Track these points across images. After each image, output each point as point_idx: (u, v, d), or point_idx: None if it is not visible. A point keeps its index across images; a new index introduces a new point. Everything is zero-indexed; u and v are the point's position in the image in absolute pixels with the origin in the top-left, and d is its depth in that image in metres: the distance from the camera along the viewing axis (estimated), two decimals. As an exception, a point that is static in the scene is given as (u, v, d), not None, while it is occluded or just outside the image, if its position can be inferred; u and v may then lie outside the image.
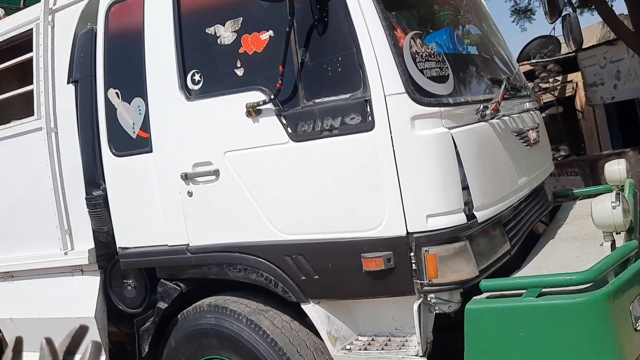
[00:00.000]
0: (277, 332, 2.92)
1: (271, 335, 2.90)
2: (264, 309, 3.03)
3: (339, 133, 2.69)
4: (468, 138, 2.74)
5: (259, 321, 2.95)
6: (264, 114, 2.85)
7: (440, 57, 2.83)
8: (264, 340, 2.91)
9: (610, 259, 2.51)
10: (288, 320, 2.99)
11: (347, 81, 2.69)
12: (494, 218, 2.86)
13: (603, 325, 2.32)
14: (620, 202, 2.67)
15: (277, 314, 3.01)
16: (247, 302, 3.07)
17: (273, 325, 2.94)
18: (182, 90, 3.10)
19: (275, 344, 2.88)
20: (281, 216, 2.89)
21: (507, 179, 3.06)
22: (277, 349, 2.87)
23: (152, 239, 3.32)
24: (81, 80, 3.54)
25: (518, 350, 2.46)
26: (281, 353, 2.86)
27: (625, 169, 3.95)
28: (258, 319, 2.97)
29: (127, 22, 3.36)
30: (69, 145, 3.64)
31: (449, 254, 2.61)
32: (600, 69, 12.16)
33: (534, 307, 2.41)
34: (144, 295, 3.54)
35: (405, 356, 2.68)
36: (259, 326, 2.93)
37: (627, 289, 2.46)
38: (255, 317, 2.97)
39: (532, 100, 3.95)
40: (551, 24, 4.78)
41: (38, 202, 3.78)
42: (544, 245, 3.34)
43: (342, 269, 2.77)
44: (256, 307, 3.04)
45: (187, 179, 3.10)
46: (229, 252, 3.06)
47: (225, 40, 2.97)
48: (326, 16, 2.72)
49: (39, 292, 3.94)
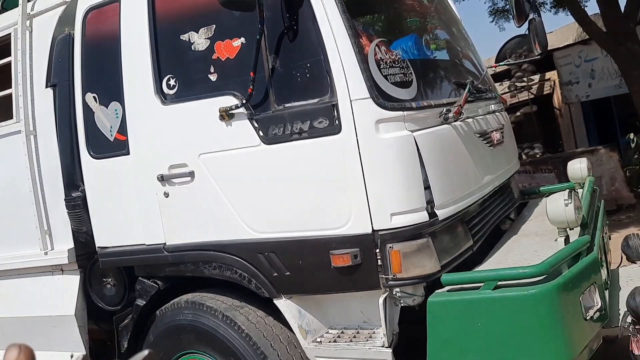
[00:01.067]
0: (251, 327, 3.04)
1: (246, 330, 3.02)
2: (239, 305, 3.15)
3: (307, 136, 2.82)
4: (430, 140, 2.88)
5: (234, 317, 3.07)
6: (236, 118, 2.97)
7: (404, 63, 2.97)
8: (238, 335, 3.03)
9: (561, 254, 2.68)
10: (262, 316, 3.12)
11: (315, 87, 2.82)
12: (456, 215, 3.00)
13: (553, 315, 2.48)
14: (572, 199, 2.84)
15: (252, 309, 3.14)
16: (223, 298, 3.19)
17: (248, 321, 3.06)
18: (158, 94, 3.21)
19: (249, 339, 3.01)
20: (254, 215, 3.01)
21: (469, 179, 3.21)
22: (251, 343, 3.00)
23: (130, 238, 3.42)
24: (59, 85, 3.63)
25: (477, 339, 2.61)
26: (255, 347, 2.99)
27: (586, 167, 4.14)
28: (233, 314, 3.09)
29: (104, 28, 3.45)
30: (48, 147, 3.72)
31: (412, 250, 2.75)
32: (575, 68, 12.45)
33: (489, 299, 2.56)
34: (122, 293, 3.64)
35: (372, 347, 2.82)
36: (234, 322, 3.06)
37: (577, 281, 2.63)
38: (231, 313, 3.09)
39: (498, 102, 4.11)
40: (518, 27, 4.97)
41: (18, 203, 3.86)
42: (506, 241, 3.50)
43: (312, 265, 2.90)
44: (232, 304, 3.16)
45: (163, 181, 3.21)
46: (205, 251, 3.17)
47: (199, 46, 3.08)
48: (295, 24, 2.84)
49: (20, 291, 4.02)
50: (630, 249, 3.82)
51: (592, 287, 2.73)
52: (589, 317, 2.65)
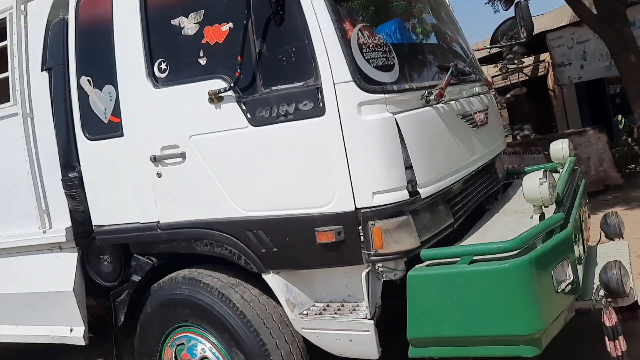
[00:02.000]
0: (246, 305, 3.18)
1: (240, 308, 3.16)
2: (234, 283, 3.29)
3: (293, 118, 2.94)
4: (411, 122, 3.00)
5: (230, 295, 3.21)
6: (225, 101, 3.08)
7: (387, 47, 3.07)
8: (233, 312, 3.17)
9: (534, 230, 2.81)
10: (257, 294, 3.26)
11: (300, 70, 2.92)
12: (437, 194, 3.13)
13: (524, 288, 2.61)
14: (546, 179, 2.97)
15: (247, 288, 3.28)
16: (219, 276, 3.33)
17: (242, 299, 3.20)
18: (150, 78, 3.32)
19: (244, 316, 3.15)
20: (242, 194, 3.14)
21: (451, 159, 3.32)
22: (245, 320, 3.14)
23: (125, 217, 3.56)
24: (54, 68, 3.73)
25: (453, 311, 2.75)
26: (249, 324, 3.13)
27: (567, 148, 4.27)
28: (229, 292, 3.23)
29: (97, 12, 3.54)
30: (44, 129, 3.84)
31: (392, 227, 2.88)
32: (567, 50, 12.51)
33: (465, 272, 2.70)
34: (119, 269, 3.79)
35: (355, 319, 2.97)
36: (230, 299, 3.19)
37: (549, 256, 2.76)
38: (226, 291, 3.23)
39: (483, 85, 4.21)
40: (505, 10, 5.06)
41: (17, 184, 3.98)
42: (488, 219, 3.64)
43: (298, 242, 3.03)
44: (227, 281, 3.29)
45: (156, 161, 3.33)
46: (196, 228, 3.31)
47: (188, 31, 3.18)
48: (281, 10, 2.94)
49: (21, 269, 4.17)
50: (609, 227, 3.96)
51: (564, 261, 2.86)
52: (560, 290, 2.78)
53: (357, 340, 2.98)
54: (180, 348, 3.46)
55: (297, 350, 3.19)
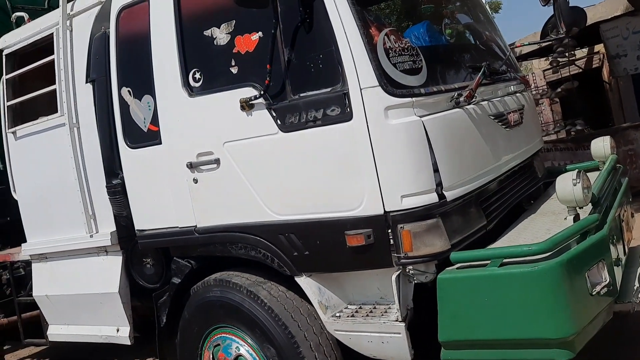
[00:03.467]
0: (273, 300, 3.27)
1: (268, 304, 3.25)
2: (262, 281, 3.39)
3: (321, 123, 2.99)
4: (440, 124, 2.99)
5: (258, 292, 3.31)
6: (256, 108, 3.16)
7: (414, 51, 3.07)
8: (262, 308, 3.26)
9: (566, 232, 2.76)
10: (283, 290, 3.34)
11: (328, 76, 2.97)
12: (467, 196, 3.11)
13: (555, 291, 2.57)
14: (580, 179, 2.91)
15: (274, 285, 3.37)
16: (247, 275, 3.44)
17: (270, 295, 3.29)
18: (185, 87, 3.44)
19: (272, 311, 3.23)
20: (274, 199, 3.21)
21: (481, 160, 3.29)
22: (273, 315, 3.23)
23: (165, 221, 3.70)
24: (97, 80, 3.91)
25: (483, 314, 2.73)
26: (277, 319, 3.22)
27: (609, 146, 4.14)
28: (257, 289, 3.32)
29: (135, 25, 3.70)
30: (89, 138, 4.03)
31: (422, 230, 2.89)
32: (623, 40, 12.01)
33: (495, 275, 2.68)
34: (160, 272, 3.94)
35: (387, 321, 2.99)
36: (258, 296, 3.29)
37: (582, 258, 2.71)
38: (254, 288, 3.33)
39: (519, 83, 4.14)
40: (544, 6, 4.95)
41: (65, 191, 4.20)
42: (523, 220, 3.58)
43: (329, 245, 3.08)
44: (255, 280, 3.40)
45: (192, 168, 3.45)
46: (231, 232, 3.41)
47: (220, 41, 3.28)
48: (308, 18, 2.99)
49: (69, 271, 4.40)
50: (654, 227, 3.83)
51: (600, 263, 2.79)
52: (595, 293, 2.72)
53: (389, 343, 3.00)
54: (217, 349, 3.58)
55: (327, 341, 3.25)
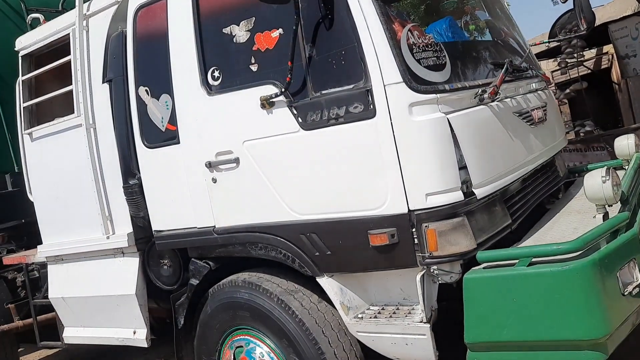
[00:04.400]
0: (304, 312, 3.20)
1: (299, 316, 3.19)
2: (293, 289, 3.32)
3: (344, 121, 2.94)
4: (465, 121, 2.94)
5: (289, 301, 3.24)
6: (276, 106, 3.12)
7: (438, 47, 3.02)
8: (292, 319, 3.20)
9: (597, 230, 2.69)
10: (315, 302, 3.27)
11: (350, 73, 2.92)
12: (493, 194, 3.05)
13: (586, 291, 2.51)
14: (610, 176, 2.84)
15: (305, 295, 3.29)
16: (278, 281, 3.37)
17: (302, 307, 3.22)
18: (204, 86, 3.40)
19: (302, 324, 3.17)
20: (296, 198, 3.16)
21: (507, 158, 3.24)
22: (304, 328, 3.17)
23: (183, 222, 3.66)
24: (114, 80, 3.89)
25: (512, 315, 2.67)
26: (307, 332, 3.15)
27: (634, 144, 4.07)
28: (288, 299, 3.25)
29: (153, 24, 3.67)
30: (106, 139, 4.01)
31: (447, 229, 2.83)
32: (632, 41, 11.90)
33: (523, 275, 2.62)
34: (178, 273, 3.90)
35: (411, 322, 2.94)
36: (289, 306, 3.22)
37: (614, 257, 2.64)
38: (286, 298, 3.26)
39: (541, 81, 4.09)
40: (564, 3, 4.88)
41: (81, 192, 4.18)
42: (549, 219, 3.51)
43: (352, 244, 3.03)
44: (287, 288, 3.32)
45: (211, 167, 3.41)
46: (251, 232, 3.36)
47: (240, 38, 3.24)
48: (329, 13, 2.95)
49: (86, 273, 4.37)
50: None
51: (631, 262, 2.73)
52: (627, 293, 2.65)
53: (413, 344, 2.94)
54: (239, 350, 3.52)
55: (355, 359, 3.19)
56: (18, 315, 5.37)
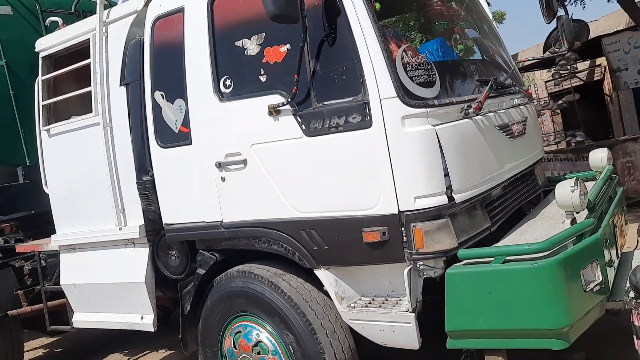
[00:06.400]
0: (292, 291, 3.56)
1: (288, 294, 3.54)
2: (282, 273, 3.68)
3: (343, 130, 3.27)
4: (451, 133, 3.28)
5: (278, 282, 3.59)
6: (283, 114, 3.45)
7: (429, 66, 3.36)
8: (282, 297, 3.55)
9: (564, 234, 3.05)
10: (301, 282, 3.63)
11: (350, 87, 3.26)
12: (474, 199, 3.40)
13: (552, 286, 2.85)
14: (578, 186, 3.19)
15: (292, 277, 3.66)
16: (268, 267, 3.73)
17: (289, 286, 3.58)
18: (216, 93, 3.73)
19: (291, 300, 3.52)
20: (297, 197, 3.49)
21: (487, 167, 3.57)
22: (292, 304, 3.51)
23: (192, 216, 3.98)
24: (131, 84, 4.20)
25: (488, 306, 3.02)
26: (296, 307, 3.50)
27: (606, 157, 4.43)
28: (277, 280, 3.61)
29: (170, 34, 3.98)
30: (121, 138, 4.31)
31: (432, 229, 3.17)
32: (624, 55, 12.31)
33: (498, 271, 2.97)
34: (185, 263, 4.21)
35: (398, 312, 3.28)
36: (278, 286, 3.58)
37: (578, 258, 2.99)
38: (275, 280, 3.62)
39: (523, 96, 4.44)
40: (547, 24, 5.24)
41: (96, 186, 4.47)
42: (525, 223, 3.87)
43: (347, 240, 3.36)
44: (276, 272, 3.68)
45: (220, 167, 3.73)
46: (255, 227, 3.69)
47: (251, 51, 3.57)
48: (333, 33, 3.28)
49: (97, 261, 4.67)
50: (645, 233, 4.11)
51: (594, 263, 3.08)
52: (588, 289, 3.01)
53: (400, 331, 3.28)
54: (237, 336, 3.85)
55: (341, 329, 3.54)
56: (26, 302, 5.61)
